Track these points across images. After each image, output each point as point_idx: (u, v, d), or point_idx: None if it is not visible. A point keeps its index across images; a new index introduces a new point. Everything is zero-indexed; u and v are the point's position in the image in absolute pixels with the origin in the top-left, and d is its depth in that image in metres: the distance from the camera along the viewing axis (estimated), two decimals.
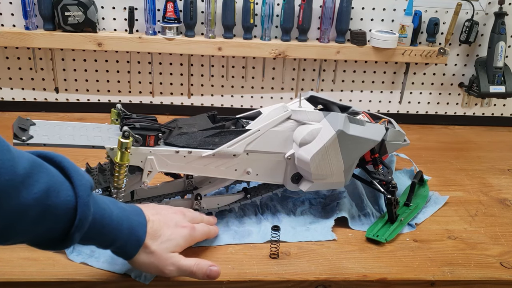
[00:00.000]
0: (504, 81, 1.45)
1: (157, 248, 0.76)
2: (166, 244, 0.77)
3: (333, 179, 0.94)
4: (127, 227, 0.73)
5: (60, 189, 0.63)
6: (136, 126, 0.86)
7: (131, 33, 1.35)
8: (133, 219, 0.75)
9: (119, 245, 0.73)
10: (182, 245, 0.80)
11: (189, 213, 0.87)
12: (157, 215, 0.80)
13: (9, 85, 1.43)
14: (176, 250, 0.79)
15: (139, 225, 0.75)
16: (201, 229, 0.85)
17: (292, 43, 1.38)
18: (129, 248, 0.74)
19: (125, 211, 0.74)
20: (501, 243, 0.97)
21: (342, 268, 0.86)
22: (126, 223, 0.73)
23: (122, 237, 0.72)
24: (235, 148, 0.90)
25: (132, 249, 0.74)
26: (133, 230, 0.74)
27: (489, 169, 1.28)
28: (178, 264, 0.78)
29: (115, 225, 0.71)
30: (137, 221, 0.75)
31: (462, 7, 1.38)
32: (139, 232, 0.75)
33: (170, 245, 0.78)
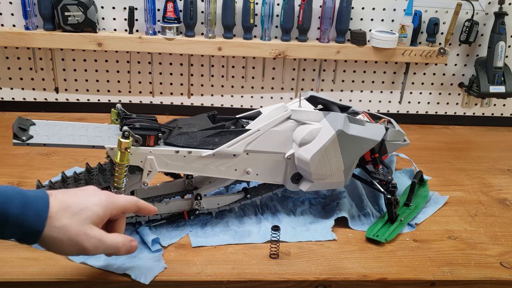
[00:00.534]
0: (504, 81, 1.45)
1: (70, 221, 0.66)
2: (80, 215, 0.67)
3: (333, 179, 0.94)
4: (19, 200, 0.64)
5: None
6: (136, 126, 0.86)
7: (131, 33, 1.35)
8: (28, 194, 0.65)
9: (15, 223, 0.63)
10: (100, 214, 0.69)
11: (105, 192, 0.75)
12: (61, 192, 0.70)
13: (9, 85, 1.43)
14: (94, 220, 0.68)
15: (38, 199, 0.65)
16: (123, 195, 0.75)
17: (292, 43, 1.38)
18: (30, 224, 0.64)
19: (17, 189, 0.65)
20: (501, 243, 0.97)
21: (342, 268, 0.86)
22: (18, 197, 0.64)
23: (15, 211, 0.63)
24: (235, 148, 0.90)
25: (36, 225, 0.64)
26: (29, 202, 0.64)
27: (489, 169, 1.28)
28: (102, 239, 0.68)
29: (1, 200, 0.63)
30: (34, 196, 0.65)
31: (462, 7, 1.39)
32: (38, 205, 0.65)
33: (85, 216, 0.67)
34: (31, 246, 0.81)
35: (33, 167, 1.14)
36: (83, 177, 0.91)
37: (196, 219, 0.97)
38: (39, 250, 0.85)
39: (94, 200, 0.69)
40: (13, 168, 1.12)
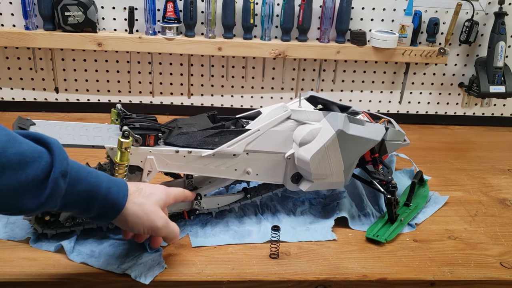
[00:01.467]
0: (504, 81, 1.44)
1: (146, 200, 0.77)
2: (151, 197, 0.78)
3: (333, 179, 0.94)
4: (106, 178, 0.73)
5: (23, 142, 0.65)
6: (136, 126, 0.86)
7: (131, 33, 1.35)
8: (109, 177, 0.75)
9: (104, 196, 0.72)
10: (164, 200, 0.81)
11: None
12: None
13: (9, 85, 1.43)
14: (161, 204, 0.80)
15: (119, 181, 0.76)
16: (175, 188, 0.86)
17: (292, 43, 1.38)
18: (116, 198, 0.74)
19: (99, 172, 0.75)
20: (501, 243, 0.97)
21: (342, 268, 0.86)
22: (103, 176, 0.74)
23: (105, 186, 0.72)
24: (235, 148, 0.90)
25: (119, 198, 0.74)
26: (112, 180, 0.74)
27: (489, 169, 1.28)
28: (167, 220, 0.80)
29: (94, 175, 0.72)
30: (114, 179, 0.76)
31: (462, 7, 1.38)
32: (120, 182, 0.76)
33: (156, 199, 0.79)
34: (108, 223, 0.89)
35: None
36: None
37: (196, 219, 0.97)
38: (39, 250, 0.85)
39: (159, 188, 0.82)
40: None
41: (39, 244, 0.86)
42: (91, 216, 0.75)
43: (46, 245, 0.86)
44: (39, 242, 0.86)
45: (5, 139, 0.63)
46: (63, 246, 0.84)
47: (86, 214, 0.74)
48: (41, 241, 0.86)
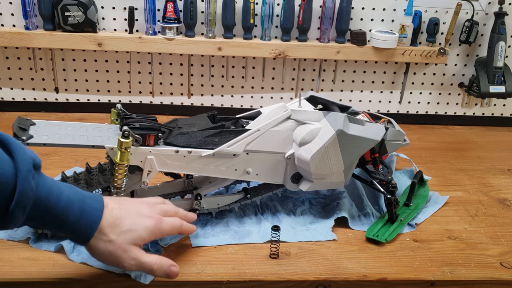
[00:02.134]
0: (504, 81, 1.45)
1: (117, 237, 0.72)
2: (126, 234, 0.72)
3: (333, 178, 0.94)
4: (78, 209, 0.69)
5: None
6: (136, 126, 0.86)
7: (131, 33, 1.35)
8: (87, 202, 0.70)
9: (70, 228, 0.69)
10: (144, 238, 0.75)
11: (161, 206, 0.81)
12: (118, 203, 0.75)
13: (9, 85, 1.43)
14: (137, 242, 0.74)
15: (94, 210, 0.71)
16: (170, 222, 0.79)
17: (292, 43, 1.38)
18: (82, 232, 0.70)
19: (79, 194, 0.70)
20: (501, 243, 0.97)
21: (342, 268, 0.86)
22: (77, 205, 0.69)
23: (72, 219, 0.68)
24: (235, 148, 0.90)
25: (85, 233, 0.70)
26: (85, 212, 0.69)
27: (489, 169, 1.28)
28: (139, 260, 0.73)
29: (63, 205, 0.67)
30: (91, 205, 0.71)
31: (462, 7, 1.39)
32: (92, 216, 0.70)
33: (131, 237, 0.73)
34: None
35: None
36: (83, 177, 0.91)
37: (196, 219, 0.97)
38: (39, 250, 0.85)
39: (145, 223, 0.75)
40: None
41: (39, 244, 0.86)
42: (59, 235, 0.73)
43: (46, 245, 0.86)
44: (39, 242, 0.86)
45: None
46: (63, 246, 0.84)
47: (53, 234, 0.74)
48: (41, 241, 0.86)
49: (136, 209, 0.76)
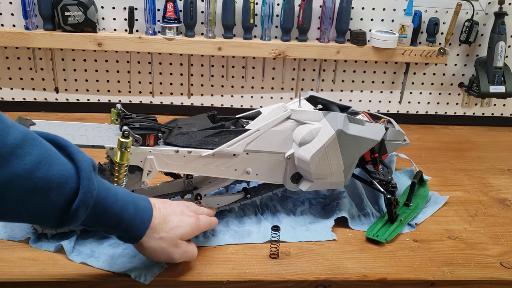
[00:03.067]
0: (504, 81, 1.44)
1: (167, 234, 0.77)
2: (175, 230, 0.78)
3: (333, 178, 0.94)
4: (133, 208, 0.73)
5: (54, 163, 0.63)
6: (136, 125, 0.86)
7: (131, 33, 1.35)
8: (139, 202, 0.75)
9: (125, 227, 0.73)
10: (189, 233, 0.81)
11: (191, 206, 0.86)
12: (163, 203, 0.80)
13: (9, 85, 1.43)
14: (184, 237, 0.80)
15: (145, 209, 0.76)
16: (204, 219, 0.85)
17: (292, 43, 1.38)
18: (136, 231, 0.74)
19: (131, 194, 0.75)
20: (501, 243, 0.96)
21: (342, 268, 0.86)
22: (132, 204, 0.73)
23: (128, 217, 0.72)
24: (235, 147, 0.90)
25: (138, 232, 0.74)
26: (139, 211, 0.74)
27: (489, 169, 1.28)
28: (186, 250, 0.80)
29: (120, 204, 0.71)
30: (143, 205, 0.75)
31: (462, 7, 1.38)
32: (145, 215, 0.75)
33: (179, 232, 0.78)
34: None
35: None
36: None
37: None
38: (39, 250, 0.85)
39: (188, 221, 0.81)
40: None
41: (39, 244, 0.86)
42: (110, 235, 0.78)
43: (46, 245, 0.86)
44: (39, 242, 0.86)
45: (36, 160, 0.61)
46: (63, 246, 0.84)
47: (105, 232, 0.76)
48: (41, 241, 0.86)
49: (179, 208, 0.82)
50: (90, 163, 0.66)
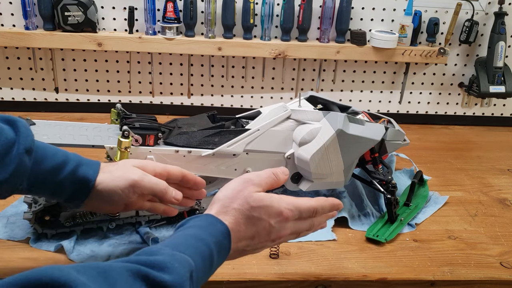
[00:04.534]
0: (504, 81, 1.44)
1: (116, 166, 0.74)
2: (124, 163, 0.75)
3: (333, 178, 0.94)
4: (74, 158, 0.71)
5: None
6: (136, 125, 0.86)
7: (131, 33, 1.35)
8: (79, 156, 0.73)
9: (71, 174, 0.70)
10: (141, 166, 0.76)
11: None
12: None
13: (9, 85, 1.43)
14: (135, 165, 0.75)
15: (89, 159, 0.73)
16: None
17: (292, 43, 1.38)
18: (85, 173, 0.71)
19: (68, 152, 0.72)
20: (501, 243, 0.96)
21: (342, 268, 0.86)
22: (72, 156, 0.72)
23: (71, 164, 0.70)
24: (235, 147, 0.90)
25: (89, 174, 0.71)
26: (82, 160, 0.72)
27: (489, 169, 1.28)
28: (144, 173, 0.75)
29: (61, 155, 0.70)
30: (86, 159, 0.73)
31: (462, 7, 1.38)
32: (91, 161, 0.73)
33: (129, 163, 0.75)
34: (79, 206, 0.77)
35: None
36: None
37: None
38: (39, 250, 0.85)
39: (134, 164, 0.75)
40: None
41: (39, 244, 0.86)
42: (65, 199, 0.72)
43: (46, 245, 0.86)
44: (39, 242, 0.86)
45: None
46: (63, 246, 0.84)
47: (59, 196, 0.71)
48: (41, 241, 0.86)
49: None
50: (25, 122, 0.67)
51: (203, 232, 0.61)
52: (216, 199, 0.68)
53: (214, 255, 0.61)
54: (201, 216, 0.65)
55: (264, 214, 0.66)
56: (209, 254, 0.60)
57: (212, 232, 0.62)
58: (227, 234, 0.64)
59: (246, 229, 0.66)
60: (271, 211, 0.67)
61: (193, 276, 0.55)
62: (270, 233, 0.68)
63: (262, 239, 0.68)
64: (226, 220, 0.65)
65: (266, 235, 0.68)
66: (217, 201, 0.68)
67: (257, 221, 0.66)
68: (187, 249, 0.58)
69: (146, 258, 0.53)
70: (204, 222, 0.64)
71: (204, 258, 0.59)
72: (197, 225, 0.63)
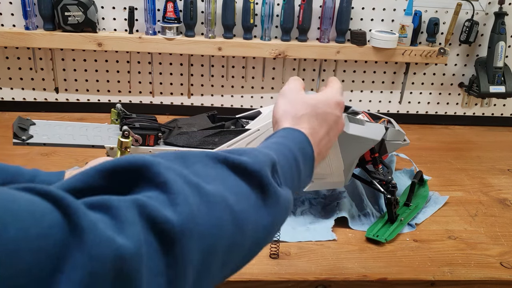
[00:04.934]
0: (504, 81, 1.44)
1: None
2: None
3: (333, 178, 0.94)
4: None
5: None
6: (136, 125, 0.86)
7: (131, 33, 1.35)
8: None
9: None
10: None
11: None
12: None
13: (9, 85, 1.43)
14: None
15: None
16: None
17: (292, 43, 1.38)
18: None
19: None
20: (501, 243, 0.96)
21: (342, 268, 0.86)
22: None
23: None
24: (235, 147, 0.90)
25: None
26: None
27: (489, 169, 1.28)
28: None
29: None
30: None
31: (462, 7, 1.38)
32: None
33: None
34: None
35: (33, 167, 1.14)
36: None
37: None
38: None
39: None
40: None
41: None
42: None
43: None
44: None
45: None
46: None
47: None
48: None
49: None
50: None
51: (285, 140, 0.61)
52: (281, 115, 0.68)
53: (299, 159, 0.60)
54: (279, 131, 0.65)
55: (328, 108, 0.69)
56: (293, 157, 0.59)
57: (294, 139, 0.62)
58: (307, 141, 0.64)
59: (321, 128, 0.67)
60: (330, 102, 0.70)
61: (276, 169, 0.53)
62: (337, 123, 0.70)
63: (334, 131, 0.70)
64: (302, 128, 0.65)
65: (335, 126, 0.70)
66: (283, 116, 0.67)
67: (325, 115, 0.68)
68: (270, 150, 0.56)
69: (224, 151, 0.51)
70: (283, 132, 0.64)
71: (287, 159, 0.58)
72: (278, 135, 0.63)
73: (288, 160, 0.58)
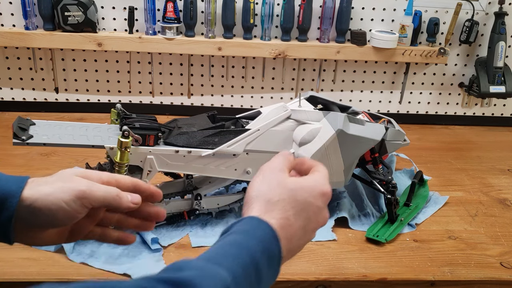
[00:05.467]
0: (504, 81, 1.44)
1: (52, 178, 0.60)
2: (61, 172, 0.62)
3: (333, 178, 0.94)
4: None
5: None
6: (136, 125, 0.86)
7: (131, 33, 1.35)
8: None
9: None
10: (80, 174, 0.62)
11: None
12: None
13: (9, 85, 1.43)
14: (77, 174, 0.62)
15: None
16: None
17: (292, 43, 1.38)
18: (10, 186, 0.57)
19: None
20: (501, 243, 0.96)
21: (342, 268, 0.86)
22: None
23: None
24: (235, 147, 0.90)
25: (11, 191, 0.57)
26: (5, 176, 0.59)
27: (489, 169, 1.28)
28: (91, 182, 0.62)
29: None
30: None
31: (462, 7, 1.38)
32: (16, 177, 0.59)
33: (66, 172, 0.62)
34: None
35: (33, 167, 1.14)
36: None
37: (196, 219, 0.97)
38: (39, 250, 0.85)
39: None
40: (13, 168, 1.12)
41: None
42: None
43: None
44: None
45: None
46: (63, 246, 0.84)
47: None
48: None
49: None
50: None
51: (246, 238, 0.53)
52: (253, 197, 0.59)
53: (262, 265, 0.53)
54: (244, 219, 0.56)
55: (310, 196, 0.60)
56: (253, 263, 0.51)
57: (257, 236, 0.54)
58: (274, 238, 0.55)
59: (296, 219, 0.58)
60: (314, 191, 0.61)
61: None
62: (318, 216, 0.62)
63: (313, 225, 0.61)
64: (273, 218, 0.56)
65: (315, 219, 0.61)
66: (255, 199, 0.59)
67: (305, 205, 0.59)
68: (225, 260, 0.49)
69: (170, 276, 0.46)
70: (247, 225, 0.55)
71: (246, 268, 0.51)
72: (240, 229, 0.54)
73: (246, 271, 0.51)
